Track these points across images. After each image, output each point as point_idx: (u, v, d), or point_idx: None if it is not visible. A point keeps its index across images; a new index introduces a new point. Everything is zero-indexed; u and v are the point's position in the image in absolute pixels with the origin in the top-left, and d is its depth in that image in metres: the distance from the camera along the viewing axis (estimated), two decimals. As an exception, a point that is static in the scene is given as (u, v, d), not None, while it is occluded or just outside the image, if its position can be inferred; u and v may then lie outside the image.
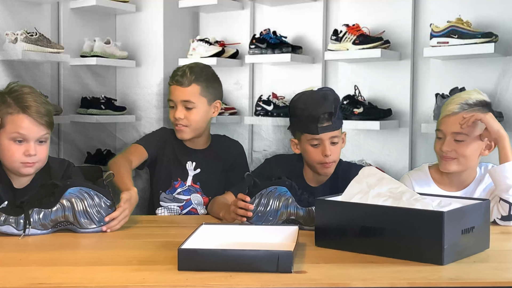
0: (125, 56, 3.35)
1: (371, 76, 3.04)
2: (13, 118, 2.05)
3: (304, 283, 1.39)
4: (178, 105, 2.52)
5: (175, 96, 2.53)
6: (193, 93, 2.52)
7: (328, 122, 2.23)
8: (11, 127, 2.05)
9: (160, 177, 2.60)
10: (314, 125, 2.22)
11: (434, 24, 2.69)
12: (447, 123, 2.15)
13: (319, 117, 2.21)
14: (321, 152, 2.24)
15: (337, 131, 2.27)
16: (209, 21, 3.52)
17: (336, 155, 2.29)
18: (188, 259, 1.44)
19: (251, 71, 3.38)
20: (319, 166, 2.28)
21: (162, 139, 2.62)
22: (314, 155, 2.27)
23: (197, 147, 2.61)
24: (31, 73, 3.07)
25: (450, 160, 2.15)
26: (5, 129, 2.06)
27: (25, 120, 2.05)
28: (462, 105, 2.12)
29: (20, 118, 2.05)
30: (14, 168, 2.08)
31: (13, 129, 2.05)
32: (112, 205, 1.94)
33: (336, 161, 2.29)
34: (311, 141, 2.26)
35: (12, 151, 2.04)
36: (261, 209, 1.94)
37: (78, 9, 3.27)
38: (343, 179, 2.31)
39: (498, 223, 2.00)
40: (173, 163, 2.59)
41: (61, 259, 1.60)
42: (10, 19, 3.01)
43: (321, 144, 2.24)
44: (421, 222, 1.54)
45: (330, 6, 3.16)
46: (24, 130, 2.04)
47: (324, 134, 2.23)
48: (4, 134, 2.06)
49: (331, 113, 2.22)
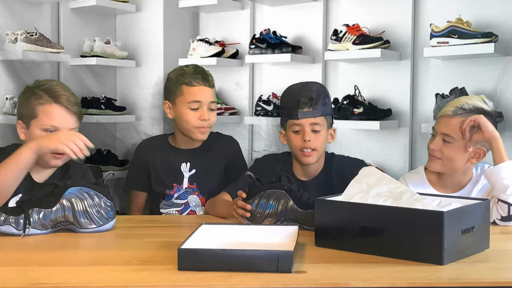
0: (125, 56, 3.35)
1: (371, 76, 3.04)
2: (45, 108, 2.12)
3: (304, 283, 1.39)
4: (204, 106, 2.50)
5: (204, 97, 2.50)
6: (214, 93, 2.58)
7: (308, 108, 2.28)
8: (43, 117, 2.11)
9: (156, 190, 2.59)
10: (295, 110, 2.28)
11: (434, 24, 2.69)
12: (439, 123, 2.18)
13: (299, 101, 2.27)
14: (301, 138, 2.28)
15: (319, 118, 2.30)
16: (209, 21, 3.52)
17: (318, 144, 2.30)
18: (188, 259, 1.44)
19: (251, 71, 3.38)
20: (300, 153, 2.31)
21: (144, 158, 2.62)
22: (295, 142, 2.31)
23: (191, 147, 2.60)
24: (31, 73, 3.06)
25: (435, 159, 2.18)
26: (38, 119, 2.12)
27: (57, 109, 2.12)
28: (457, 109, 2.13)
29: (52, 108, 2.12)
30: (44, 158, 2.09)
31: (46, 120, 2.11)
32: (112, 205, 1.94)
33: (318, 150, 2.31)
34: (293, 127, 2.31)
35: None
36: (260, 210, 1.94)
37: (78, 9, 3.27)
38: (337, 171, 2.34)
39: (498, 223, 2.00)
40: (167, 170, 2.57)
41: (61, 259, 1.60)
42: (10, 19, 3.01)
43: (302, 130, 2.29)
44: (421, 222, 1.54)
45: (330, 6, 3.16)
46: (56, 120, 2.11)
47: (304, 119, 2.28)
48: (36, 124, 2.12)
49: (311, 98, 2.27)
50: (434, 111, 2.75)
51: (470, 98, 2.21)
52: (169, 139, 2.65)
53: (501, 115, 2.62)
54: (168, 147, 2.62)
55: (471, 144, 2.11)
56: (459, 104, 2.14)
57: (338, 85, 3.10)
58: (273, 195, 1.94)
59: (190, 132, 2.53)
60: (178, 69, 2.62)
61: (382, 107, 2.94)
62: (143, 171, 2.62)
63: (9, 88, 2.98)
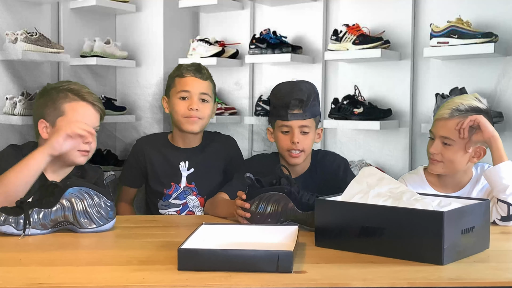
0: (125, 56, 3.35)
1: (371, 76, 3.04)
2: (72, 106, 2.18)
3: (304, 283, 1.39)
4: (194, 97, 2.53)
5: (193, 87, 2.54)
6: (208, 87, 2.59)
7: (298, 110, 2.27)
8: (71, 114, 2.17)
9: (154, 188, 2.59)
10: (285, 111, 2.27)
11: (434, 24, 2.69)
12: (437, 126, 2.18)
13: (290, 103, 2.26)
14: (290, 139, 2.28)
15: (308, 120, 2.30)
16: (209, 21, 3.52)
17: (306, 146, 2.31)
18: (188, 259, 1.44)
19: (251, 71, 3.38)
20: (287, 154, 2.31)
21: (140, 156, 2.62)
22: (283, 142, 2.31)
23: (190, 146, 2.60)
24: (31, 73, 3.06)
25: (436, 162, 2.17)
26: (65, 116, 2.17)
27: (85, 106, 2.20)
28: (453, 111, 2.13)
29: (80, 105, 2.19)
30: (69, 156, 2.12)
31: (74, 117, 2.16)
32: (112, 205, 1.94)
33: (305, 151, 2.31)
34: (282, 127, 2.31)
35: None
36: (260, 211, 1.94)
37: (78, 9, 3.27)
38: (321, 166, 2.37)
39: (498, 223, 2.00)
40: (164, 168, 2.57)
41: (61, 259, 1.60)
42: (10, 19, 3.01)
43: (290, 132, 2.29)
44: (421, 222, 1.54)
45: (330, 6, 3.16)
46: (84, 117, 2.17)
47: (294, 121, 2.28)
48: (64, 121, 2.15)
49: (302, 100, 2.26)
50: (434, 111, 2.75)
51: (465, 98, 2.20)
52: (168, 137, 2.66)
53: (501, 115, 2.62)
54: (167, 145, 2.62)
55: (470, 145, 2.11)
56: (455, 106, 2.14)
57: (338, 85, 3.10)
58: (272, 197, 1.93)
59: (180, 123, 2.55)
60: (178, 65, 2.68)
61: (382, 107, 2.94)
62: (137, 168, 2.63)
63: (9, 88, 2.98)
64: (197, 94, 2.54)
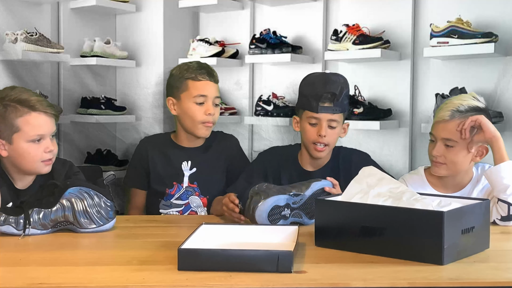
0: (125, 56, 3.35)
1: (371, 76, 3.04)
2: (26, 119, 2.04)
3: (304, 283, 1.39)
4: (210, 101, 2.51)
5: (210, 92, 2.51)
6: (218, 90, 2.58)
7: (329, 103, 2.26)
8: (27, 129, 2.04)
9: (156, 188, 2.58)
10: (316, 102, 2.26)
11: (434, 24, 2.69)
12: (437, 128, 2.17)
13: (322, 96, 2.25)
14: (317, 132, 2.27)
15: (337, 115, 2.29)
16: (209, 21, 3.52)
17: (331, 140, 2.30)
18: (188, 259, 1.44)
19: (251, 71, 3.38)
20: (312, 146, 2.30)
21: (144, 156, 2.61)
22: (310, 134, 2.30)
23: (193, 145, 2.59)
24: (31, 73, 3.06)
25: (439, 164, 2.17)
26: (21, 132, 2.04)
27: (38, 117, 2.05)
28: (453, 112, 2.13)
29: (33, 116, 2.04)
30: (34, 168, 2.07)
31: (31, 131, 2.03)
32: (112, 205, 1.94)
33: (330, 146, 2.31)
34: (310, 119, 2.30)
35: (34, 152, 2.04)
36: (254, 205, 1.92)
37: (78, 9, 3.27)
38: (344, 162, 2.33)
39: (498, 223, 2.00)
40: (166, 168, 2.56)
41: (61, 259, 1.60)
42: (10, 19, 3.01)
43: (318, 124, 2.28)
44: (421, 222, 1.54)
45: (330, 6, 3.16)
46: (42, 128, 2.05)
47: (323, 114, 2.27)
48: (21, 137, 2.04)
49: (334, 94, 2.25)
50: (434, 111, 2.75)
51: (463, 98, 2.20)
52: (171, 137, 2.65)
53: (501, 115, 2.62)
54: (170, 145, 2.61)
55: (472, 145, 2.11)
56: (455, 107, 2.14)
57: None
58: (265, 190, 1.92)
59: (194, 128, 2.52)
60: (181, 65, 2.63)
61: (382, 107, 2.94)
62: (142, 168, 2.61)
63: (9, 88, 2.97)
64: (212, 99, 2.52)
